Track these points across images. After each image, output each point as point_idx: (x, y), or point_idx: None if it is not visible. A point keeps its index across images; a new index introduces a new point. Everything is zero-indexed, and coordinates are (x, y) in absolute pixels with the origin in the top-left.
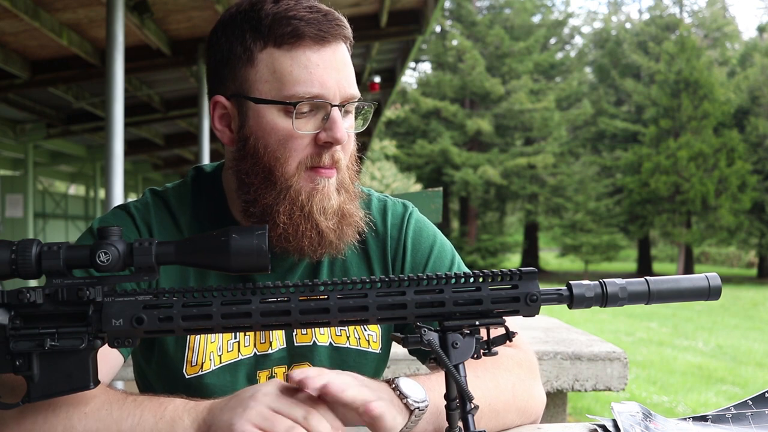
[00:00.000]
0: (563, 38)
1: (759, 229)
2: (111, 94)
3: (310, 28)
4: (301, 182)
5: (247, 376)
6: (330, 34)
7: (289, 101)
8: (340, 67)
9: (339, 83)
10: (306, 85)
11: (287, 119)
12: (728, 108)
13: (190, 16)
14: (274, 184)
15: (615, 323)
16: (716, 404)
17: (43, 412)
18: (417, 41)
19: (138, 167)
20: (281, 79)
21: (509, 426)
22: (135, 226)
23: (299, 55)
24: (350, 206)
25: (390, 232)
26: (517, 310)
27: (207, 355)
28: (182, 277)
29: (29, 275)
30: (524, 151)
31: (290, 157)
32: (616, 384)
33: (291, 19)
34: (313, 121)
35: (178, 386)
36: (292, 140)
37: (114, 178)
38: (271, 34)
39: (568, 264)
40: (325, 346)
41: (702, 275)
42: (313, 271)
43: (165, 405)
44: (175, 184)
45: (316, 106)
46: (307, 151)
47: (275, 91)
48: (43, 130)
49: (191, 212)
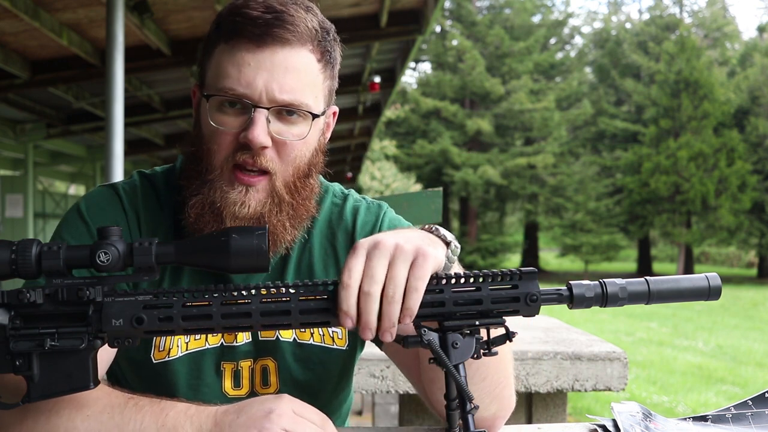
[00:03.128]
0: (563, 38)
1: (759, 229)
2: (111, 94)
3: (250, 27)
4: (222, 179)
5: (212, 366)
6: (269, 35)
7: (210, 94)
8: (276, 71)
9: (268, 86)
10: (231, 82)
11: (212, 112)
12: (728, 108)
13: (190, 16)
14: (199, 174)
15: (615, 323)
16: (716, 404)
17: (45, 413)
18: (417, 41)
19: (138, 167)
20: (218, 74)
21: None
22: (122, 208)
23: (235, 53)
24: (275, 218)
25: (360, 231)
26: (517, 310)
27: (174, 341)
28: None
29: (29, 275)
30: (524, 151)
31: (215, 151)
32: (616, 384)
33: (236, 17)
34: (240, 119)
35: (145, 371)
36: (217, 134)
37: (114, 178)
38: (222, 30)
39: (568, 264)
40: (289, 342)
41: (702, 275)
42: (281, 270)
43: (166, 411)
44: (164, 167)
45: (243, 105)
46: (230, 147)
47: (212, 86)
48: (43, 130)
49: (177, 197)
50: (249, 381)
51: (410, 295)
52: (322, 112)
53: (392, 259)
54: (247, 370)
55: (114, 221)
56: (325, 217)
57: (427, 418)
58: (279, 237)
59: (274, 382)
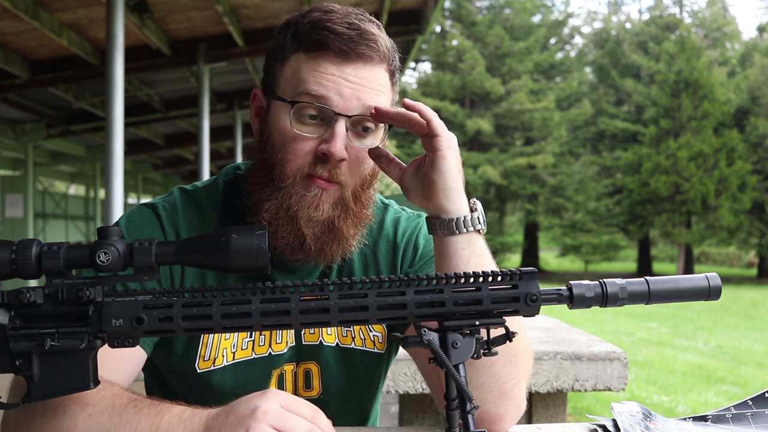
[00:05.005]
0: (563, 38)
1: (759, 229)
2: (111, 94)
3: (337, 41)
4: (295, 187)
5: (260, 375)
6: (356, 52)
7: (293, 101)
8: (358, 84)
9: (351, 97)
10: (314, 91)
11: (293, 120)
12: (728, 108)
13: (190, 16)
14: (271, 182)
15: (615, 323)
16: (716, 404)
17: (52, 409)
18: (417, 41)
19: (138, 167)
20: (297, 81)
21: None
22: (161, 227)
23: (320, 64)
24: (344, 224)
25: (401, 239)
26: (517, 310)
27: (220, 351)
28: (202, 278)
29: (29, 275)
30: (524, 151)
31: (290, 160)
32: (616, 384)
33: (323, 30)
34: (319, 129)
35: (189, 380)
36: (293, 142)
37: (114, 178)
38: (303, 40)
39: (568, 264)
40: (332, 347)
41: (702, 275)
42: (324, 275)
43: (161, 415)
44: (205, 183)
45: (324, 115)
46: (308, 158)
47: (290, 91)
48: (43, 130)
49: (221, 213)
50: (292, 384)
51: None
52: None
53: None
54: (290, 374)
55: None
56: (366, 227)
57: (427, 418)
58: (346, 243)
59: (317, 386)
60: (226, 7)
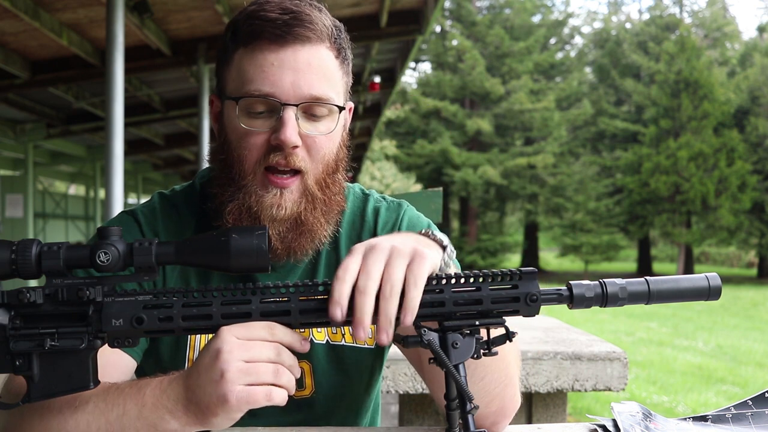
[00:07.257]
0: (563, 38)
1: (759, 229)
2: (111, 94)
3: (269, 28)
4: (255, 183)
5: None
6: (291, 34)
7: (237, 97)
8: (300, 68)
9: (295, 84)
10: (257, 84)
11: (241, 116)
12: (728, 108)
13: (190, 16)
14: (232, 181)
15: (615, 323)
16: (716, 404)
17: (39, 410)
18: (417, 41)
19: (138, 167)
20: (241, 78)
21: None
22: (141, 232)
23: (257, 55)
24: (311, 216)
25: (382, 229)
26: (517, 310)
27: None
28: (185, 279)
29: (29, 275)
30: (524, 151)
31: (246, 156)
32: (616, 384)
33: (254, 20)
34: (269, 121)
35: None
36: (246, 138)
37: (114, 178)
38: (240, 35)
39: (568, 264)
40: (322, 344)
41: (702, 275)
42: (311, 273)
43: (143, 390)
44: (183, 186)
45: (271, 106)
46: (262, 150)
47: (236, 90)
48: (43, 130)
49: (199, 214)
50: None
51: (409, 293)
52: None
53: (389, 259)
54: None
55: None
56: (349, 218)
57: (427, 418)
58: (317, 233)
59: (309, 384)
60: (226, 7)
